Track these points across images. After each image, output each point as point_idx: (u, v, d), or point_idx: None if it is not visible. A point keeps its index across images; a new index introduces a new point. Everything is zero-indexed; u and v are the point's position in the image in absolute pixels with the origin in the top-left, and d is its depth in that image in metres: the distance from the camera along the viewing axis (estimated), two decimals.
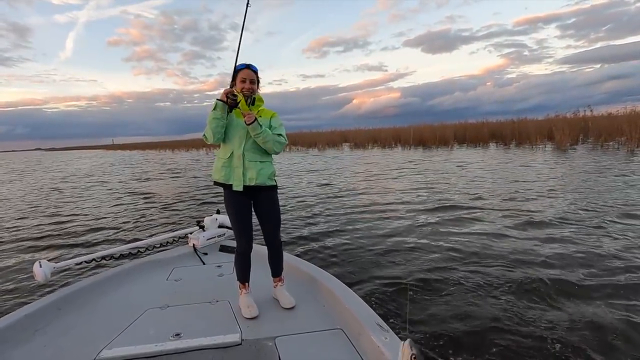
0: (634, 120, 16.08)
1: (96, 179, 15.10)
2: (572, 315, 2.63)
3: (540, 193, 6.99)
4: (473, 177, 9.66)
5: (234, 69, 2.19)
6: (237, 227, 2.20)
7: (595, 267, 3.42)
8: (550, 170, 10.14)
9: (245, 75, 2.15)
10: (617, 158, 11.87)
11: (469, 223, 5.20)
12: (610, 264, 3.48)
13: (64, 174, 18.78)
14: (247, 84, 2.16)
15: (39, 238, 5.60)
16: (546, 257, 3.70)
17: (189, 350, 1.80)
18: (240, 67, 2.17)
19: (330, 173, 12.64)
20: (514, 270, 3.44)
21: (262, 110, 2.25)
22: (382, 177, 10.74)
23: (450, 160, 14.48)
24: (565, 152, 14.88)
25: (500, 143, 22.04)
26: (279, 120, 2.27)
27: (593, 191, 6.86)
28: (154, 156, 36.04)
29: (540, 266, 3.51)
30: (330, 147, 29.85)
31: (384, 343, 1.66)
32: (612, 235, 4.32)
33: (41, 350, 1.86)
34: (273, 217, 2.22)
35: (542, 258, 3.69)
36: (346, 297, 2.15)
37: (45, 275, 2.35)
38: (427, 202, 6.73)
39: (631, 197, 6.21)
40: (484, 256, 3.84)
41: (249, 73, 2.16)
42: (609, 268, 3.39)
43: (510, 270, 3.45)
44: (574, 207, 5.68)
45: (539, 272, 3.35)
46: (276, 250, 2.30)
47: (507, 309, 2.75)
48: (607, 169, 9.62)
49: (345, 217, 5.98)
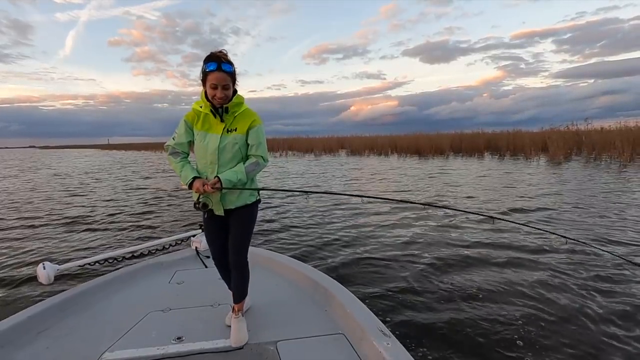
0: (626, 136, 16.39)
1: (96, 179, 15.02)
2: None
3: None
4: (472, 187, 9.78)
5: (202, 71, 1.75)
6: (213, 249, 2.08)
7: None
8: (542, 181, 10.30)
9: (216, 80, 1.70)
10: (610, 173, 12.05)
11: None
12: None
13: (60, 172, 18.66)
14: (218, 92, 1.74)
15: (43, 239, 5.58)
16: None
17: (191, 353, 1.81)
18: (210, 67, 1.70)
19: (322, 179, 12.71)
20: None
21: (240, 115, 1.85)
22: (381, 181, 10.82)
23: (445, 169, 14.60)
24: (558, 165, 15.07)
25: (496, 154, 22.23)
26: (260, 131, 1.88)
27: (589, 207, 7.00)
28: (149, 155, 35.83)
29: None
30: (326, 153, 29.90)
31: (386, 349, 1.65)
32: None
33: (44, 352, 1.87)
34: (240, 234, 1.95)
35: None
36: (348, 301, 2.14)
37: (49, 277, 2.36)
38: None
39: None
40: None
41: (220, 77, 1.70)
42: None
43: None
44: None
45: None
46: (241, 268, 2.01)
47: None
48: (601, 183, 9.78)
49: (348, 221, 6.03)
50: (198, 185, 1.78)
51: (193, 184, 1.81)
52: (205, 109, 1.83)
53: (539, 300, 3.13)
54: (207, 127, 1.84)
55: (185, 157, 1.94)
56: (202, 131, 1.85)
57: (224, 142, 1.81)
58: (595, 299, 3.13)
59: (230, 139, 1.82)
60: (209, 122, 1.85)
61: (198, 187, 1.78)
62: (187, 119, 1.89)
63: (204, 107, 1.83)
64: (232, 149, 1.83)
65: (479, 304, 3.07)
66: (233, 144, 1.82)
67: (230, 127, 1.83)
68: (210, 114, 1.82)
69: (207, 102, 1.79)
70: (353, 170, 15.84)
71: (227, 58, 1.73)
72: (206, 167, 1.86)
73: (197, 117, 1.86)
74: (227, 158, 1.84)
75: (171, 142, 1.93)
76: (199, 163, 1.89)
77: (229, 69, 1.72)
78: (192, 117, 1.88)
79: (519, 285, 3.42)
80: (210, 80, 1.71)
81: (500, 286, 3.41)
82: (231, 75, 1.74)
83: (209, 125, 1.85)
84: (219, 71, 1.69)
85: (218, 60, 1.69)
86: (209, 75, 1.71)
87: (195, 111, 1.87)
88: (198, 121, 1.86)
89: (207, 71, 1.71)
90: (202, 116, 1.85)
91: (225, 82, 1.72)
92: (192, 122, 1.88)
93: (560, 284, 3.45)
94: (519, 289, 3.36)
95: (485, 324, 2.73)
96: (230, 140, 1.82)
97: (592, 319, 2.82)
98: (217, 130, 1.83)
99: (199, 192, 1.79)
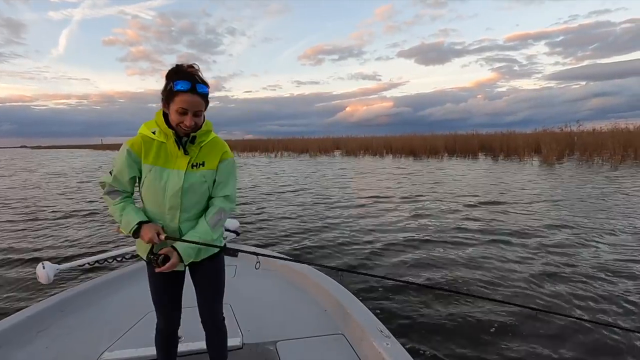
0: (617, 138, 16.64)
1: (92, 178, 14.90)
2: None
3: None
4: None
5: (167, 87, 1.31)
6: (161, 304, 1.58)
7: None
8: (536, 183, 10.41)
9: (187, 104, 1.29)
10: (601, 174, 12.23)
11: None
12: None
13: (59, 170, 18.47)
14: (187, 119, 1.31)
15: (42, 239, 5.55)
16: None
17: (190, 353, 1.81)
18: (181, 87, 1.27)
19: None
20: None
21: (208, 145, 1.44)
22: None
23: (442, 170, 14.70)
24: (551, 166, 15.23)
25: (489, 155, 22.41)
26: (232, 165, 1.50)
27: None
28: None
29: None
30: (322, 154, 29.92)
31: (386, 349, 1.65)
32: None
33: (43, 351, 1.87)
34: (213, 289, 1.59)
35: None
36: (348, 302, 2.13)
37: (48, 276, 2.35)
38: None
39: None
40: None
41: (193, 101, 1.30)
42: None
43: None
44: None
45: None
46: (216, 330, 1.63)
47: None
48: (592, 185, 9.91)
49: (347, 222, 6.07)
50: (150, 234, 1.32)
51: (140, 231, 1.35)
52: (160, 137, 1.37)
53: (536, 298, 3.18)
54: (164, 161, 1.38)
55: (127, 196, 1.45)
56: (156, 166, 1.37)
57: (190, 181, 1.38)
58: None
59: (198, 176, 1.40)
60: (166, 154, 1.39)
61: (151, 236, 1.32)
62: (132, 149, 1.38)
63: (159, 135, 1.37)
64: (200, 189, 1.42)
65: (480, 304, 3.09)
66: (201, 182, 1.41)
67: (197, 160, 1.41)
68: (170, 143, 1.37)
69: (168, 128, 1.35)
70: (347, 170, 15.84)
71: (202, 76, 1.33)
72: (163, 214, 1.40)
73: (148, 147, 1.38)
74: (193, 201, 1.42)
75: (107, 178, 1.43)
76: (151, 208, 1.42)
77: (204, 90, 1.32)
78: (138, 145, 1.38)
79: (517, 282, 3.48)
80: (178, 103, 1.29)
81: (497, 281, 3.47)
82: (205, 98, 1.35)
83: (165, 159, 1.38)
84: (192, 93, 1.28)
85: (192, 79, 1.29)
86: (178, 96, 1.28)
87: (143, 138, 1.39)
88: (149, 152, 1.38)
89: (175, 90, 1.28)
90: (156, 146, 1.38)
91: (199, 108, 1.32)
92: (138, 152, 1.38)
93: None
94: (518, 285, 3.42)
95: (486, 324, 2.76)
96: (198, 179, 1.40)
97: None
98: (179, 165, 1.39)
99: (151, 242, 1.34)
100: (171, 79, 1.30)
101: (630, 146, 16.61)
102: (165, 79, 1.33)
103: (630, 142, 16.72)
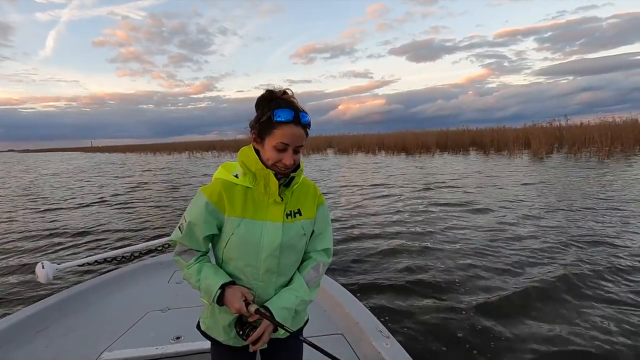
0: (604, 131, 16.95)
1: (95, 181, 14.77)
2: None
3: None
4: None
5: (264, 118, 1.06)
6: None
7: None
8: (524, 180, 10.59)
9: (289, 138, 1.04)
10: (590, 167, 12.46)
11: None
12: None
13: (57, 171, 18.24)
14: (287, 157, 1.05)
15: (42, 239, 5.53)
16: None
17: (190, 353, 1.80)
18: (284, 117, 1.02)
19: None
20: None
21: (300, 188, 1.17)
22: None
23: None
24: (541, 160, 15.45)
25: (480, 150, 22.66)
26: (327, 212, 1.24)
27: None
28: (137, 158, 35.26)
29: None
30: (314, 152, 29.92)
31: (385, 349, 1.64)
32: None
33: (42, 351, 1.88)
34: None
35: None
36: (347, 302, 2.12)
37: (48, 276, 2.32)
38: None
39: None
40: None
41: (297, 134, 1.05)
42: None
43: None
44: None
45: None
46: None
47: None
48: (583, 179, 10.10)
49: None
50: (236, 302, 1.04)
51: (225, 296, 1.06)
52: (245, 181, 1.10)
53: (534, 297, 3.23)
54: (253, 212, 1.09)
55: (203, 255, 1.17)
56: (246, 218, 1.08)
57: (289, 235, 1.11)
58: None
59: (297, 228, 1.13)
60: (254, 203, 1.10)
61: (238, 306, 1.03)
62: (210, 199, 1.09)
63: (244, 179, 1.11)
64: (299, 245, 1.15)
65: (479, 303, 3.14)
66: (300, 235, 1.14)
67: (291, 208, 1.14)
68: (259, 188, 1.09)
69: (266, 169, 1.07)
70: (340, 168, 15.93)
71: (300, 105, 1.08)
72: (255, 280, 1.11)
73: (230, 195, 1.09)
74: (292, 260, 1.15)
75: (177, 235, 1.15)
76: (237, 274, 1.12)
77: (307, 120, 1.07)
78: (218, 195, 1.09)
79: (517, 282, 3.52)
80: (278, 137, 1.03)
81: (498, 279, 3.53)
82: (307, 130, 1.09)
83: (254, 208, 1.10)
84: (295, 124, 1.03)
85: (294, 107, 1.04)
86: (279, 128, 1.03)
87: (224, 185, 1.10)
88: (234, 202, 1.09)
89: (275, 121, 1.03)
90: (241, 192, 1.10)
91: (300, 143, 1.07)
92: (219, 204, 1.09)
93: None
94: (518, 284, 3.45)
95: (485, 322, 2.78)
96: (297, 231, 1.13)
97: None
98: (273, 215, 1.10)
99: (239, 312, 1.04)
100: (267, 108, 1.05)
101: (617, 138, 16.94)
102: (256, 108, 1.09)
103: (617, 135, 17.05)
